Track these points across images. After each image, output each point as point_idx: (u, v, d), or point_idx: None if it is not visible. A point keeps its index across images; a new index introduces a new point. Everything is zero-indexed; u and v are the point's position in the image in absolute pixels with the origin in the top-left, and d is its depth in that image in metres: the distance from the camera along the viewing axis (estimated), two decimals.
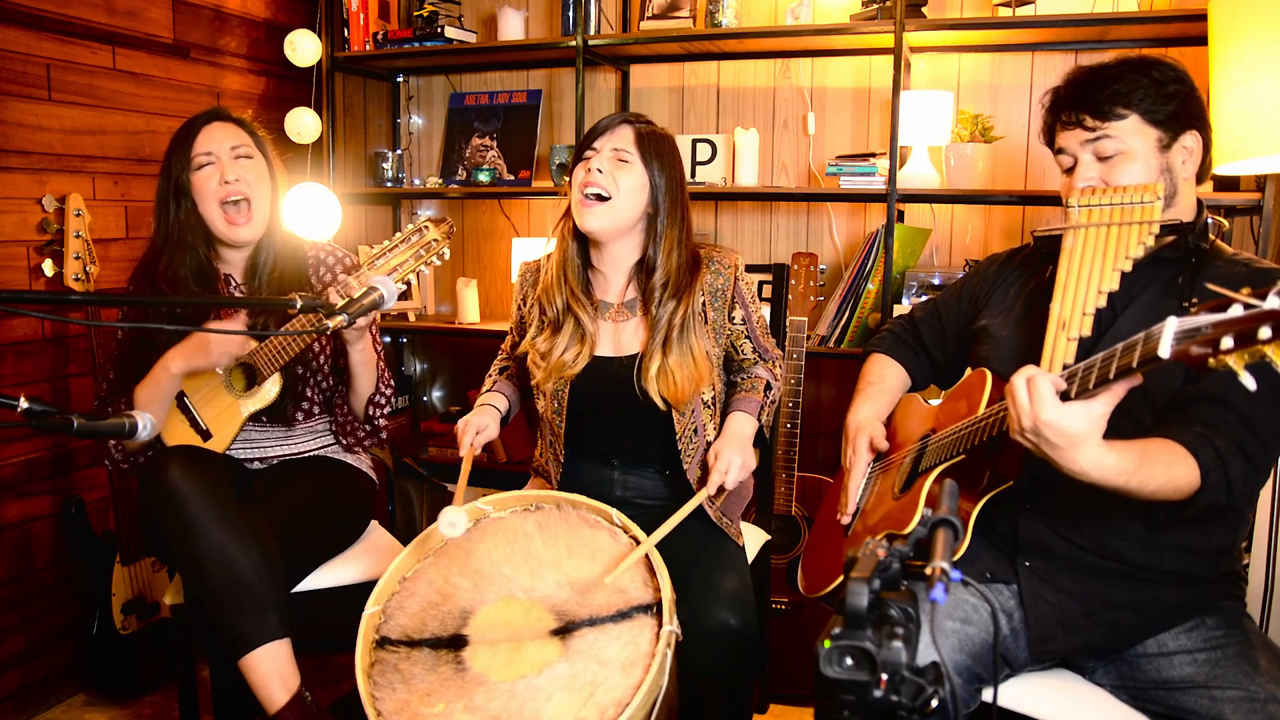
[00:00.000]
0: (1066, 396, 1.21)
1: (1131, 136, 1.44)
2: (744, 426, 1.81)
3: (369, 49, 3.01)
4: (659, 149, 1.78)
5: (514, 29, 2.99)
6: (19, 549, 2.42)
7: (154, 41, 2.69)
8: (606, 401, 1.82)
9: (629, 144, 1.76)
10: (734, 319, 1.85)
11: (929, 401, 1.74)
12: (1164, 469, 1.28)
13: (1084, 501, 1.42)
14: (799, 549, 2.52)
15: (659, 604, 1.48)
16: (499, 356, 2.08)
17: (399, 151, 3.20)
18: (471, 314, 3.07)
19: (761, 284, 2.63)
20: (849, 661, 0.79)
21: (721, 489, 1.73)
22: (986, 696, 1.44)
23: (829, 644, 0.79)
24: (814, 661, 0.79)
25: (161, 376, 1.84)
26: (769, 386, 1.88)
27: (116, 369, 1.96)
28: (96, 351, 2.38)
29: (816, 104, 2.89)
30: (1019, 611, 1.49)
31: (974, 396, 1.52)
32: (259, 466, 2.01)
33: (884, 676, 0.78)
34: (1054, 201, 2.40)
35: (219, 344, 1.82)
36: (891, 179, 2.48)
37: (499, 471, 3.00)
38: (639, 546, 1.57)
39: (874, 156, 2.57)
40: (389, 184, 3.15)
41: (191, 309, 1.96)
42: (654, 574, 1.53)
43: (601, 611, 1.50)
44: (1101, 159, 1.47)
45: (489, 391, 1.98)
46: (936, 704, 0.78)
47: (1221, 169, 1.93)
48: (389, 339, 3.36)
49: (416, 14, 2.96)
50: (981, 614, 1.47)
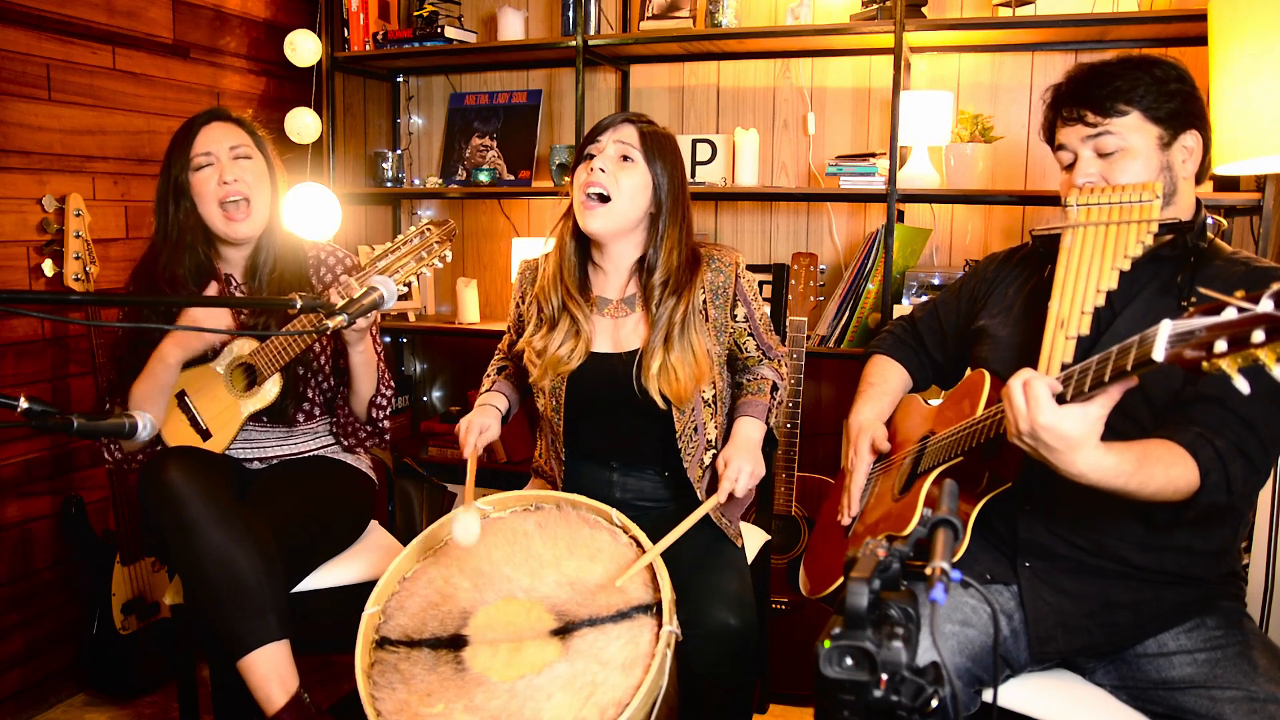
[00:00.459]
0: (1062, 399, 1.21)
1: (1132, 133, 1.44)
2: (752, 432, 1.80)
3: (369, 49, 3.01)
4: (662, 148, 1.78)
5: (514, 29, 2.99)
6: (19, 549, 2.43)
7: (154, 41, 2.69)
8: (605, 398, 1.81)
9: (633, 143, 1.76)
10: (736, 316, 1.85)
11: (929, 402, 1.74)
12: (1163, 470, 1.27)
13: (1084, 503, 1.42)
14: (799, 549, 2.52)
15: (659, 604, 1.48)
16: (497, 356, 2.07)
17: (399, 151, 3.20)
18: (471, 314, 3.07)
19: (761, 284, 2.62)
20: (849, 661, 0.79)
21: (731, 496, 1.72)
22: (987, 697, 1.44)
23: (829, 644, 0.79)
24: (814, 661, 0.79)
25: (158, 368, 1.84)
26: (775, 388, 1.88)
27: (116, 368, 1.96)
28: (96, 351, 2.38)
29: (816, 104, 2.89)
30: (1019, 612, 1.49)
31: (973, 398, 1.52)
32: (259, 466, 2.01)
33: (884, 676, 0.78)
34: (1054, 201, 2.40)
35: (211, 323, 1.84)
36: (891, 179, 2.48)
37: (499, 471, 3.00)
38: (645, 555, 1.57)
39: (874, 156, 2.57)
40: (389, 184, 3.15)
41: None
42: (654, 574, 1.53)
43: (601, 611, 1.50)
44: (1102, 155, 1.47)
45: (489, 391, 1.97)
46: (936, 704, 0.78)
47: (1221, 169, 1.93)
48: (389, 339, 3.36)
49: (416, 14, 2.96)
50: (981, 616, 1.47)
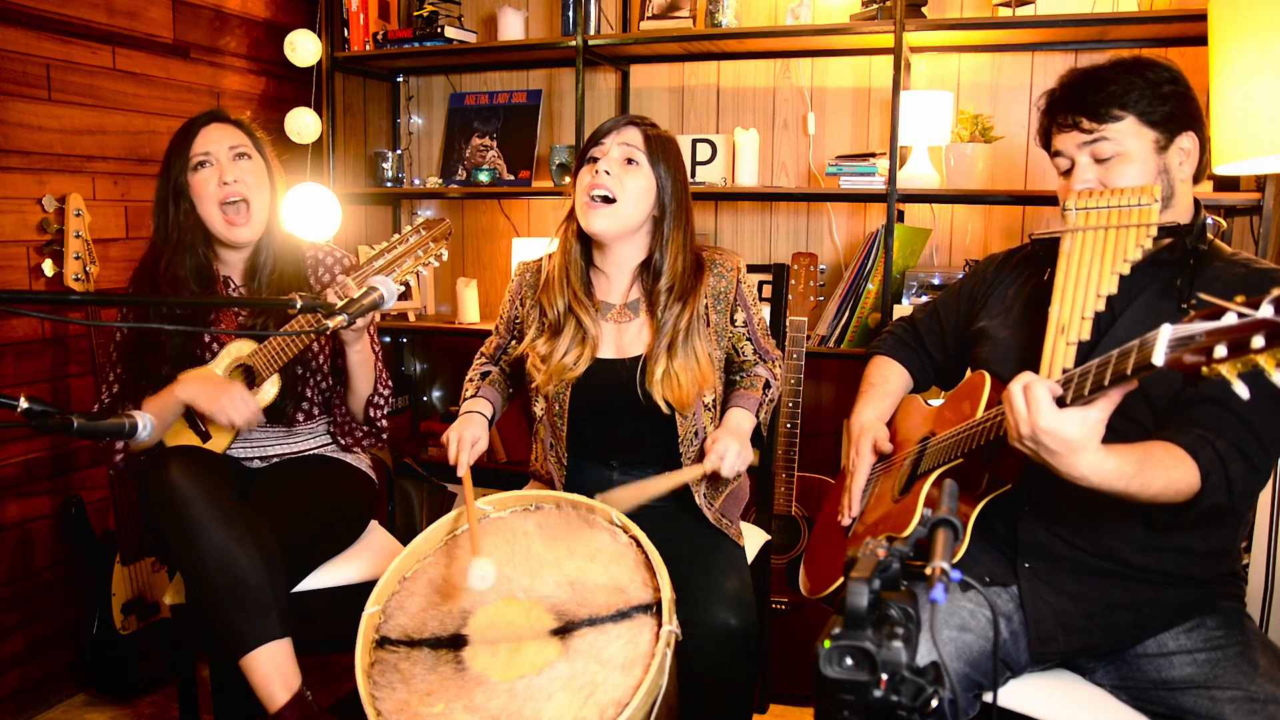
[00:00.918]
0: (1063, 403, 1.21)
1: (1128, 138, 1.44)
2: (742, 421, 1.81)
3: (369, 49, 3.01)
4: (665, 151, 1.78)
5: (514, 29, 2.99)
6: (19, 549, 2.43)
7: (154, 41, 2.69)
8: (608, 403, 1.81)
9: (638, 145, 1.76)
10: (736, 321, 1.85)
11: (929, 402, 1.74)
12: (1164, 472, 1.28)
13: (1084, 504, 1.42)
14: (799, 549, 2.52)
15: (659, 604, 1.48)
16: (479, 360, 2.02)
17: (399, 151, 3.20)
18: (471, 314, 3.07)
19: (761, 284, 2.63)
20: (849, 661, 0.79)
21: (717, 476, 1.73)
22: (987, 698, 1.44)
23: (829, 644, 0.79)
24: (814, 661, 0.79)
25: (169, 400, 1.84)
26: (768, 385, 1.89)
27: (119, 371, 1.96)
28: (96, 351, 2.38)
29: (816, 104, 2.89)
30: (1018, 614, 1.49)
31: (973, 399, 1.52)
32: (259, 466, 2.02)
33: (884, 676, 0.78)
34: (1053, 201, 2.39)
35: (231, 405, 1.80)
36: (891, 179, 2.48)
37: (499, 471, 3.00)
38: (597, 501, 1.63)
39: (874, 156, 2.57)
40: (389, 184, 3.15)
41: (191, 309, 1.96)
42: (654, 574, 1.53)
43: (601, 611, 1.50)
44: (1099, 161, 1.47)
45: (474, 397, 1.91)
46: (936, 704, 0.78)
47: (1221, 169, 1.93)
48: (389, 339, 3.35)
49: (416, 14, 2.96)
50: (979, 620, 1.47)
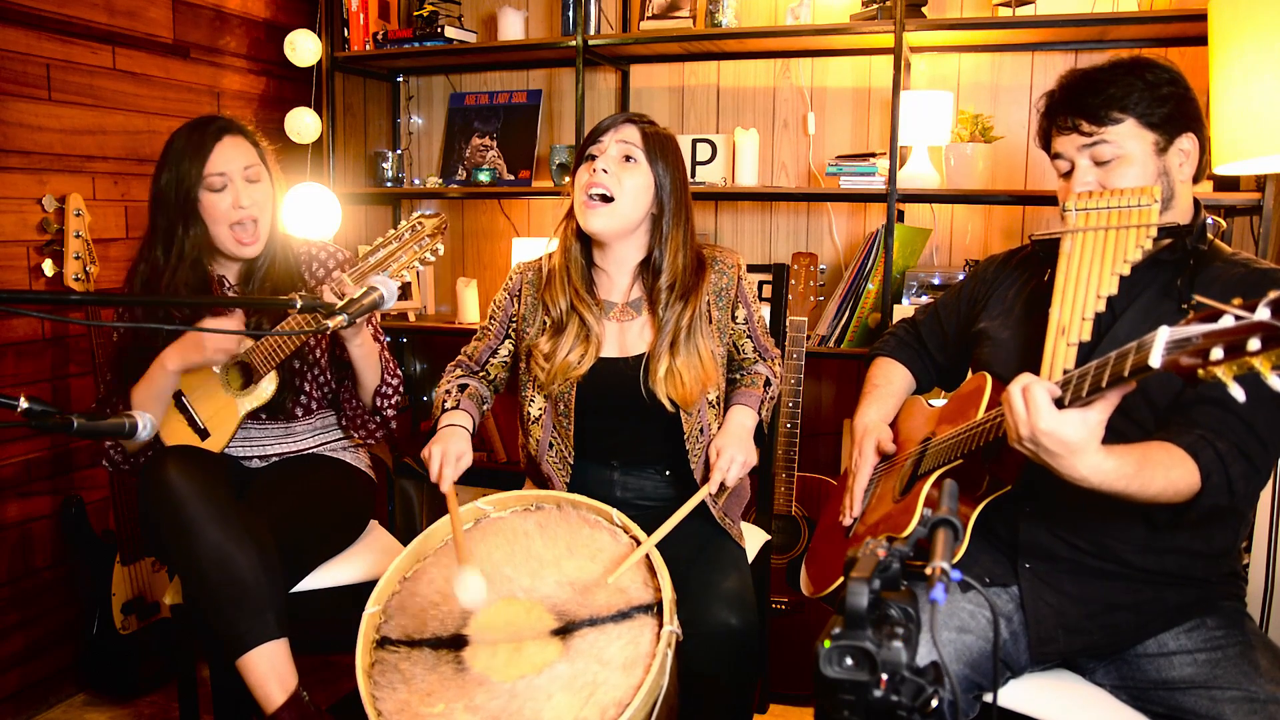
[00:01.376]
0: (1061, 404, 1.21)
1: (1128, 140, 1.44)
2: (744, 419, 1.81)
3: (369, 49, 3.01)
4: (664, 149, 1.78)
5: (514, 29, 2.99)
6: (19, 549, 2.42)
7: (154, 41, 2.68)
8: (612, 402, 1.81)
9: (636, 143, 1.76)
10: (736, 319, 1.86)
11: (931, 403, 1.74)
12: (1163, 472, 1.28)
13: (1084, 505, 1.42)
14: (799, 549, 2.52)
15: (659, 604, 1.48)
16: (456, 372, 1.94)
17: (399, 151, 3.20)
18: (471, 314, 3.07)
19: (761, 284, 2.63)
20: (849, 661, 0.79)
21: (722, 486, 1.73)
22: (987, 698, 1.44)
23: (829, 644, 0.79)
24: (814, 661, 0.79)
25: (158, 375, 1.83)
26: (768, 382, 1.89)
27: (114, 372, 1.96)
28: (96, 351, 2.38)
29: (816, 104, 2.89)
30: (1019, 614, 1.49)
31: (974, 400, 1.53)
32: (258, 465, 2.01)
33: (884, 676, 0.78)
34: (1054, 201, 2.39)
35: (214, 341, 1.81)
36: (891, 179, 2.47)
37: (498, 471, 3.00)
38: (640, 546, 1.57)
39: (874, 156, 2.57)
40: (389, 184, 3.15)
41: (189, 309, 1.96)
42: (654, 574, 1.53)
43: (602, 611, 1.50)
44: (1099, 163, 1.47)
45: (454, 410, 1.82)
46: (936, 704, 0.78)
47: (1221, 169, 1.93)
48: (389, 339, 3.35)
49: (416, 14, 2.96)
50: (979, 621, 1.46)
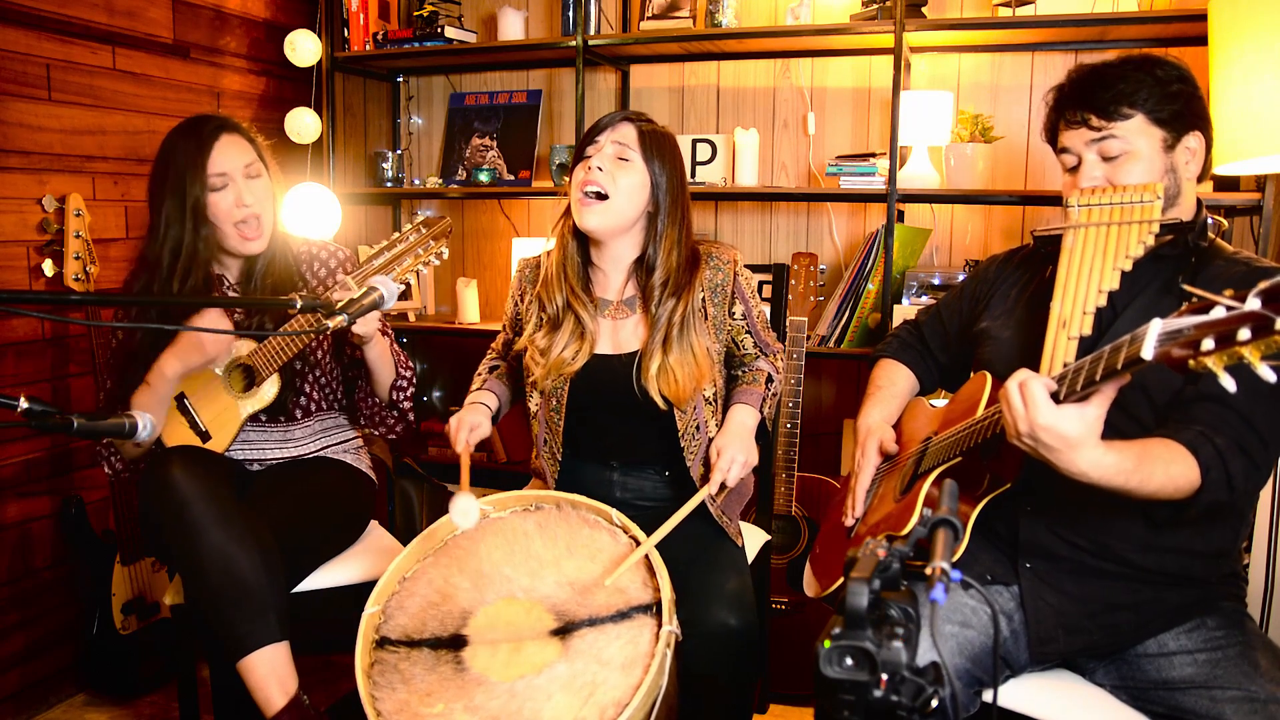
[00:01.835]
0: (1057, 398, 1.21)
1: (1137, 136, 1.44)
2: (746, 418, 1.81)
3: (369, 49, 3.01)
4: (660, 147, 1.78)
5: (514, 29, 2.99)
6: (19, 549, 2.42)
7: (154, 41, 2.68)
8: (606, 399, 1.81)
9: (631, 142, 1.76)
10: (734, 314, 1.85)
11: (933, 404, 1.74)
12: (1163, 467, 1.28)
13: (1085, 503, 1.42)
14: (799, 549, 2.52)
15: (659, 604, 1.48)
16: (489, 355, 2.08)
17: (399, 151, 3.20)
18: (471, 314, 3.07)
19: (761, 284, 2.63)
20: (849, 661, 0.79)
21: (723, 486, 1.73)
22: (986, 698, 1.44)
23: (829, 644, 0.79)
24: (814, 661, 0.79)
25: (157, 382, 1.80)
26: (770, 379, 1.88)
27: (114, 377, 1.95)
28: (97, 352, 2.38)
29: (816, 104, 2.89)
30: (1019, 613, 1.49)
31: (974, 399, 1.52)
32: (258, 468, 2.01)
33: (884, 676, 0.78)
34: (1054, 201, 2.40)
35: (212, 341, 1.79)
36: (891, 179, 2.47)
37: (499, 471, 3.00)
38: (639, 547, 1.57)
39: (874, 156, 2.57)
40: (389, 184, 3.15)
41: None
42: (654, 574, 1.53)
43: (601, 611, 1.50)
44: (1106, 159, 1.46)
45: (479, 390, 1.96)
46: (936, 704, 0.78)
47: (1221, 169, 1.93)
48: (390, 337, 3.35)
49: (416, 14, 2.96)
50: (980, 617, 1.47)
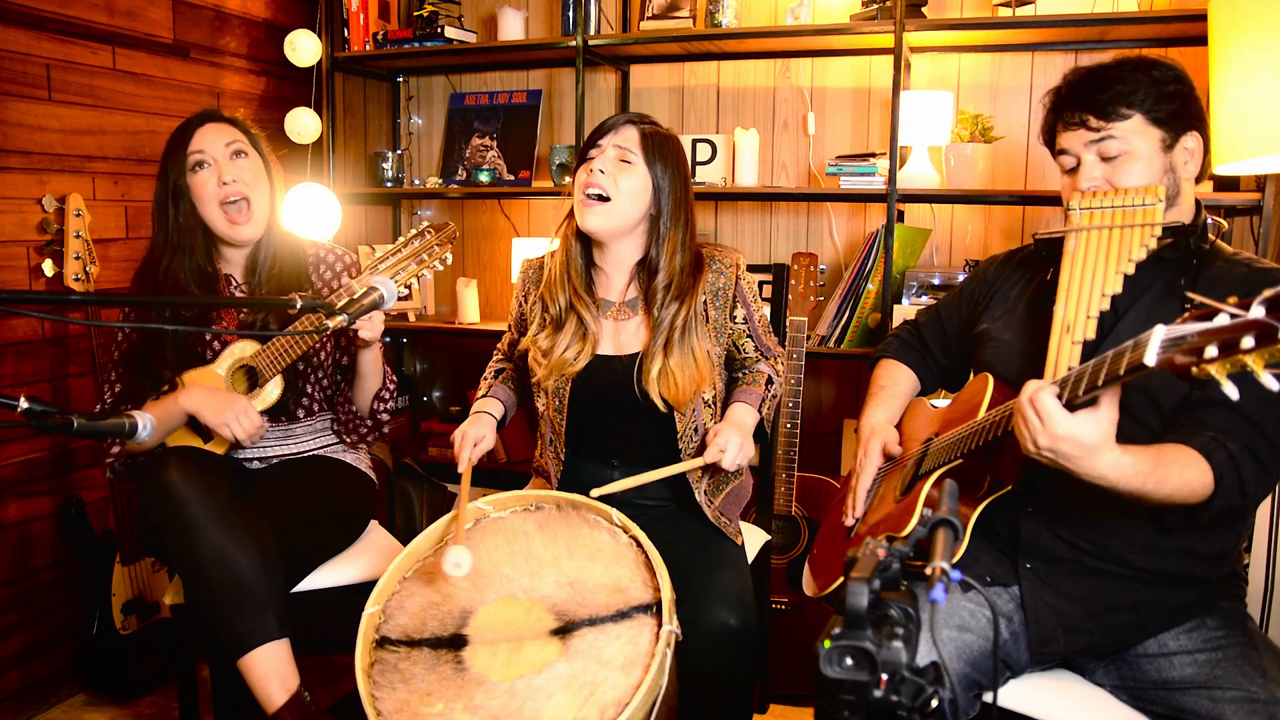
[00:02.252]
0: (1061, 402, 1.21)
1: (1135, 137, 1.44)
2: (744, 415, 1.81)
3: (369, 49, 3.01)
4: (663, 150, 1.78)
5: (514, 29, 2.99)
6: (19, 549, 2.42)
7: (154, 41, 2.68)
8: (607, 400, 1.82)
9: (633, 145, 1.76)
10: (735, 318, 1.85)
11: (934, 404, 1.75)
12: (1178, 471, 1.28)
13: (1086, 505, 1.42)
14: (799, 549, 2.52)
15: (659, 604, 1.48)
16: (495, 357, 2.08)
17: (399, 151, 3.20)
18: (471, 314, 3.07)
19: (761, 284, 2.63)
20: (849, 661, 0.79)
21: (717, 469, 1.73)
22: (987, 698, 1.44)
23: (829, 644, 0.79)
24: (814, 661, 0.79)
25: (172, 410, 1.84)
26: (770, 381, 1.89)
27: (121, 371, 1.96)
28: (97, 352, 2.37)
29: (816, 104, 2.89)
30: (1019, 614, 1.49)
31: (975, 401, 1.53)
32: (258, 467, 2.01)
33: (884, 676, 0.78)
34: (1054, 201, 2.40)
35: (235, 419, 1.79)
36: (891, 179, 2.47)
37: (499, 471, 3.00)
38: (622, 480, 1.72)
39: (874, 156, 2.57)
40: (389, 184, 3.15)
41: (193, 310, 1.96)
42: (654, 574, 1.53)
43: (601, 611, 1.50)
44: (1105, 160, 1.47)
45: (485, 397, 1.96)
46: (936, 704, 0.78)
47: (1221, 169, 1.93)
48: (389, 339, 3.35)
49: (416, 14, 2.96)
50: (979, 620, 1.46)
